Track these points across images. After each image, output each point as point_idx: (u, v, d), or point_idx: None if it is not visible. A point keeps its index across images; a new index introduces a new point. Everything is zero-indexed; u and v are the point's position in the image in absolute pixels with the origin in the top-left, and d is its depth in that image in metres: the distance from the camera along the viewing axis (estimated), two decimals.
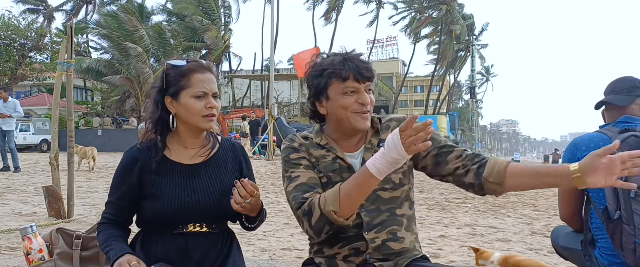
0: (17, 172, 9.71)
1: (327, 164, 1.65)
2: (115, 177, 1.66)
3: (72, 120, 5.22)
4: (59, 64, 5.10)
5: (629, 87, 2.12)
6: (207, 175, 1.66)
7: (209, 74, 1.65)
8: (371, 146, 1.67)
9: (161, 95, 1.64)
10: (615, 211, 1.86)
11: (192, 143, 1.68)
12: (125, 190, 1.63)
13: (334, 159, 1.65)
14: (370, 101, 1.61)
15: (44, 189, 5.16)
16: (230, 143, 1.78)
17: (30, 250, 1.78)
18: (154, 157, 1.63)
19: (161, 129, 1.66)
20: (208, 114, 1.62)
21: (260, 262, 3.63)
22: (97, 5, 38.94)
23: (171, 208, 1.59)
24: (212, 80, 1.65)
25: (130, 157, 1.65)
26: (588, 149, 2.02)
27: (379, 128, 1.70)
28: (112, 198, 1.65)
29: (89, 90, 35.62)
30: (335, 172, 1.63)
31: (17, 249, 3.71)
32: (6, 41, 22.85)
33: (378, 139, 1.68)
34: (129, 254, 1.53)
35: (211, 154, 1.70)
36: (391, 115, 1.77)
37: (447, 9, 42.84)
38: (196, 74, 1.62)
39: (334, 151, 1.66)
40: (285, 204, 6.71)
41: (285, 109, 35.25)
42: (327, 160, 1.65)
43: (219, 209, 1.63)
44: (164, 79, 1.64)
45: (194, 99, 1.60)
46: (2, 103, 9.90)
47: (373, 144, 1.68)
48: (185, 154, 1.67)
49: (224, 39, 32.29)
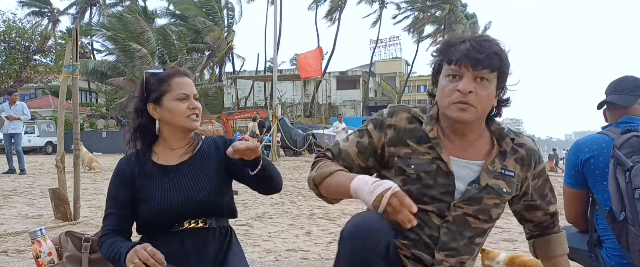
0: (22, 175, 9.76)
1: (423, 162, 1.45)
2: (110, 188, 1.73)
3: (77, 122, 5.25)
4: (65, 67, 5.14)
5: (631, 87, 2.11)
6: (194, 172, 1.71)
7: (187, 78, 1.74)
8: (494, 168, 1.47)
9: (143, 103, 1.72)
10: (621, 212, 1.85)
11: (178, 144, 1.74)
12: (121, 199, 1.69)
13: (433, 159, 1.45)
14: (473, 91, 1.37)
15: (50, 191, 5.18)
16: (212, 139, 1.83)
17: (40, 253, 1.80)
18: (142, 163, 1.70)
19: (143, 136, 1.73)
20: (191, 114, 1.69)
21: (266, 263, 3.64)
22: (102, 7, 39.05)
23: (163, 209, 1.65)
24: (190, 84, 1.74)
25: (121, 166, 1.73)
26: (591, 151, 2.02)
27: (507, 150, 1.49)
28: (111, 209, 1.71)
29: (93, 92, 35.72)
30: (429, 174, 1.44)
31: (24, 251, 3.73)
32: (11, 44, 22.94)
33: (502, 164, 1.48)
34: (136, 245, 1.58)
35: (195, 151, 1.75)
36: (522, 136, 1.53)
37: (450, 8, 42.74)
38: (175, 78, 1.71)
39: (439, 149, 1.45)
40: (290, 205, 6.71)
41: (289, 110, 35.25)
42: (425, 158, 1.45)
43: (209, 204, 1.68)
44: (144, 87, 1.71)
45: (176, 102, 1.69)
46: (10, 106, 9.97)
47: (496, 167, 1.47)
48: (172, 156, 1.73)
49: (227, 40, 32.32)
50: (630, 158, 1.84)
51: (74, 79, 5.09)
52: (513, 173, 1.50)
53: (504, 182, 1.49)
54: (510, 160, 1.50)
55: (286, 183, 9.26)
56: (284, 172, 11.29)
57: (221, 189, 1.72)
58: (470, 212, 1.46)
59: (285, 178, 10.05)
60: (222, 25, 32.83)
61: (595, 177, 2.02)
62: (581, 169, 2.06)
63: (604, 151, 1.99)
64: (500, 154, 1.49)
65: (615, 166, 1.87)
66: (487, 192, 1.47)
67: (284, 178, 10.07)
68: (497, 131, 1.51)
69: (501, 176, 1.48)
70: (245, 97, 36.37)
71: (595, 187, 2.04)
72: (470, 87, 1.38)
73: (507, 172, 1.49)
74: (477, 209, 1.47)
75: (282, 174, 1.85)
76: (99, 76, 26.43)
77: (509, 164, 1.50)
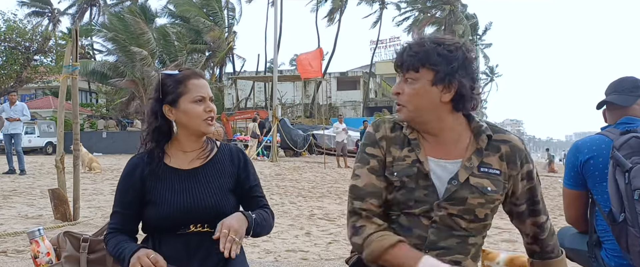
0: (22, 175, 9.76)
1: (404, 167, 1.48)
2: (119, 186, 1.72)
3: (77, 123, 5.25)
4: (65, 67, 5.14)
5: (631, 88, 2.11)
6: (205, 178, 1.70)
7: (203, 80, 1.72)
8: (470, 165, 1.47)
9: (159, 105, 1.70)
10: (620, 214, 1.84)
11: (191, 147, 1.74)
12: (129, 199, 1.69)
13: (413, 162, 1.48)
14: (401, 92, 1.47)
15: (50, 191, 5.18)
16: (228, 147, 1.83)
17: (38, 253, 1.79)
18: (154, 164, 1.69)
19: (159, 138, 1.72)
20: (208, 117, 1.68)
21: (265, 264, 3.64)
22: (102, 8, 39.06)
23: (170, 213, 1.65)
24: (206, 86, 1.72)
25: (132, 166, 1.72)
26: (590, 152, 2.02)
27: (482, 147, 1.48)
28: (117, 208, 1.71)
29: (93, 93, 35.73)
30: (410, 178, 1.47)
31: (24, 251, 3.73)
32: (11, 44, 22.94)
33: (480, 160, 1.47)
34: (144, 248, 1.59)
35: (209, 157, 1.74)
36: (507, 133, 1.53)
37: (451, 8, 42.76)
38: (192, 80, 1.69)
39: (417, 151, 1.48)
40: (290, 206, 6.71)
41: (289, 110, 35.24)
42: (406, 162, 1.48)
43: (217, 210, 1.67)
44: (161, 89, 1.69)
45: (193, 104, 1.67)
46: (10, 106, 9.98)
47: (473, 164, 1.47)
48: (184, 159, 1.72)
49: (228, 41, 32.31)
50: (629, 159, 1.83)
51: (73, 80, 5.10)
52: (499, 171, 1.48)
53: (488, 181, 1.47)
54: (494, 158, 1.49)
55: (286, 184, 9.25)
56: (284, 173, 11.28)
57: (229, 198, 1.72)
58: (455, 212, 1.46)
59: (285, 179, 10.04)
60: (223, 26, 32.82)
61: (595, 179, 2.01)
62: (581, 170, 2.05)
63: (603, 152, 1.98)
64: (477, 151, 1.48)
65: (614, 167, 1.87)
66: (471, 191, 1.45)
67: (284, 179, 10.12)
68: (475, 128, 1.52)
69: (486, 175, 1.47)
70: (246, 98, 36.39)
71: (594, 189, 2.03)
72: (398, 89, 1.48)
73: (492, 171, 1.48)
74: (462, 209, 1.46)
75: (282, 175, 1.86)
76: (99, 77, 26.41)
77: (493, 162, 1.48)
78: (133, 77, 23.65)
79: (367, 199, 1.48)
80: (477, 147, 1.49)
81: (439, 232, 1.46)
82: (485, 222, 1.51)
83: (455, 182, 1.46)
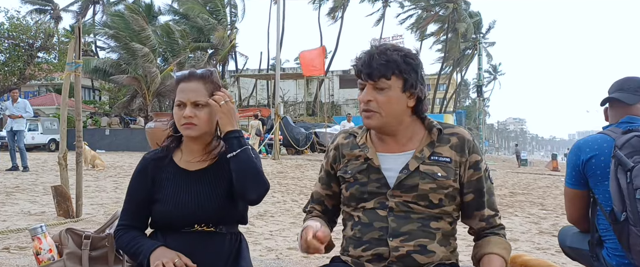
0: (25, 172, 9.80)
1: (356, 165, 1.63)
2: (130, 184, 1.74)
3: (80, 120, 5.26)
4: (67, 65, 5.15)
5: (636, 87, 2.11)
6: (210, 180, 1.71)
7: (193, 83, 1.67)
8: (421, 155, 1.58)
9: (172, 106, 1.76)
10: (622, 213, 1.84)
11: (193, 148, 1.74)
12: (140, 196, 1.71)
13: (365, 160, 1.62)
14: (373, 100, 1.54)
15: (53, 188, 5.20)
16: None
17: (40, 250, 1.81)
18: (164, 163, 1.72)
19: (174, 138, 1.76)
20: (185, 123, 1.65)
21: (267, 261, 3.65)
22: (105, 5, 39.12)
23: (175, 212, 1.66)
24: (193, 90, 1.66)
25: (144, 163, 1.74)
26: (592, 151, 2.02)
27: (434, 139, 1.60)
28: (128, 205, 1.73)
29: (96, 90, 35.80)
30: (362, 174, 1.60)
31: (26, 248, 3.74)
32: (15, 41, 23.00)
33: (431, 151, 1.59)
34: (163, 246, 1.61)
35: (216, 158, 1.74)
36: (455, 127, 1.65)
37: (454, 7, 42.66)
38: (181, 83, 1.70)
39: (366, 151, 1.62)
40: (292, 204, 6.72)
41: (291, 108, 35.29)
42: (358, 161, 1.63)
43: (221, 211, 1.69)
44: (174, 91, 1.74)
45: (176, 108, 1.69)
46: (12, 103, 10.01)
47: (424, 155, 1.58)
48: (192, 159, 1.74)
49: (230, 39, 32.33)
50: (631, 158, 1.83)
51: (76, 77, 5.11)
52: (449, 159, 1.58)
53: (438, 167, 1.57)
54: (445, 148, 1.59)
55: (288, 182, 9.26)
56: (286, 170, 11.29)
57: (234, 200, 1.71)
58: (410, 199, 1.55)
59: (287, 177, 10.05)
60: (225, 24, 32.84)
61: (596, 178, 2.01)
62: (582, 170, 2.05)
63: (605, 151, 1.98)
64: (429, 144, 1.59)
65: (616, 166, 1.87)
66: (422, 177, 1.55)
67: (286, 177, 10.12)
68: (428, 125, 1.63)
69: (436, 162, 1.57)
70: (248, 96, 36.43)
71: (596, 188, 2.03)
72: (369, 97, 1.54)
73: (442, 159, 1.58)
74: (415, 195, 1.55)
75: (284, 173, 1.89)
76: (102, 74, 26.46)
77: (444, 151, 1.59)
78: (135, 74, 23.67)
79: (315, 202, 1.78)
80: (430, 140, 1.60)
81: (398, 219, 1.55)
82: (443, 207, 1.57)
83: (405, 171, 1.57)
